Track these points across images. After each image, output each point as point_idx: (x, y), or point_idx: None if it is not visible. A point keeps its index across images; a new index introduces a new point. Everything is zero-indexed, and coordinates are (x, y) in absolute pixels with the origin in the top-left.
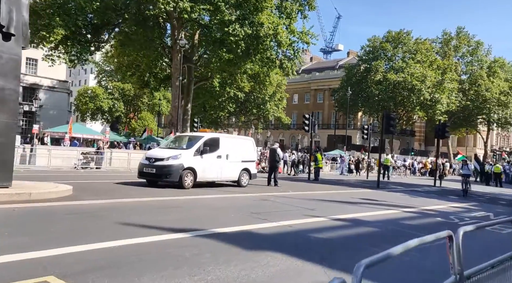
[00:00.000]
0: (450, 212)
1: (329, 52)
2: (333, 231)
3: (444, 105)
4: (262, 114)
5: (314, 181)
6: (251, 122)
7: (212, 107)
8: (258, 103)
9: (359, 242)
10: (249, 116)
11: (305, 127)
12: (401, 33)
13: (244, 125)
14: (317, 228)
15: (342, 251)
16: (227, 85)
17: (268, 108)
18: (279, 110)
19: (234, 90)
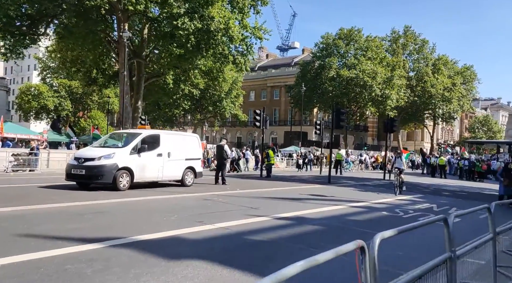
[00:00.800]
0: (396, 205)
1: (286, 49)
2: (273, 232)
3: (393, 101)
4: (218, 112)
5: (266, 178)
6: (207, 119)
7: (166, 104)
8: (214, 100)
9: (298, 243)
10: (205, 113)
11: (257, 123)
12: (352, 30)
13: (200, 123)
14: (256, 229)
15: (277, 255)
16: (181, 82)
17: (225, 105)
18: (235, 107)
19: (188, 87)
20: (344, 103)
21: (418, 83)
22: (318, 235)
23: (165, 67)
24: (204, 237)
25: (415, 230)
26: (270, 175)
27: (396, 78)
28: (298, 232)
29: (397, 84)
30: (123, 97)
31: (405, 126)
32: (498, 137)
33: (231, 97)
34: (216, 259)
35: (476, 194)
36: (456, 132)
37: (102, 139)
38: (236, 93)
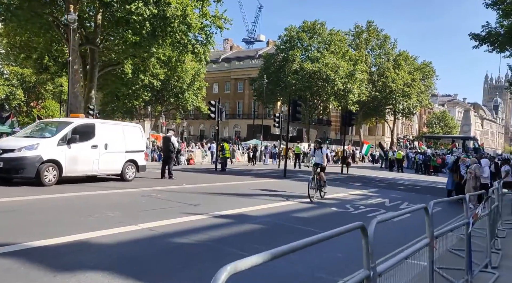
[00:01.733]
0: (348, 200)
1: (251, 42)
2: (204, 232)
3: (355, 95)
4: (180, 104)
5: (221, 172)
6: (168, 111)
7: (125, 95)
8: (176, 92)
9: (230, 245)
10: (167, 105)
11: (211, 114)
12: (316, 23)
13: (161, 115)
14: (187, 229)
15: (198, 261)
16: (140, 72)
17: (187, 97)
18: (198, 100)
19: (148, 77)
20: (307, 97)
21: (380, 78)
22: (256, 236)
23: (121, 55)
24: (118, 241)
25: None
26: (225, 169)
27: (358, 72)
28: (233, 233)
29: (359, 78)
30: (71, 85)
31: (366, 121)
32: (454, 132)
33: (194, 89)
34: (119, 269)
35: (429, 188)
36: (415, 127)
37: (28, 128)
38: (199, 85)
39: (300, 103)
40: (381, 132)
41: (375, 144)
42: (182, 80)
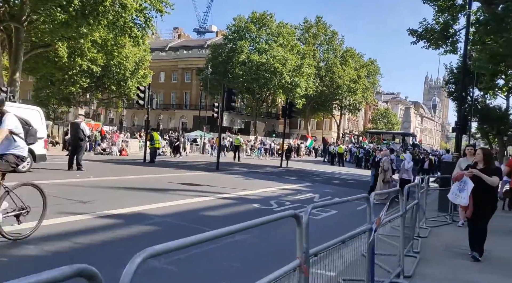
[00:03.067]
0: (275, 196)
1: (203, 33)
2: (70, 239)
3: (302, 89)
4: (123, 92)
5: (150, 163)
6: (110, 100)
7: (61, 81)
8: (118, 80)
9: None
10: (108, 93)
11: (140, 101)
12: (264, 15)
13: (102, 103)
14: (51, 234)
15: None
16: (77, 56)
17: (130, 85)
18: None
19: (86, 62)
20: (255, 89)
21: (327, 73)
22: (136, 241)
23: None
24: None
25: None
26: (154, 160)
27: (305, 66)
28: (108, 238)
29: (307, 72)
30: None
31: (314, 116)
32: (396, 129)
33: (138, 77)
34: None
35: (365, 183)
36: (361, 123)
37: None
38: (143, 73)
39: (235, 92)
40: (329, 127)
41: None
42: (123, 66)
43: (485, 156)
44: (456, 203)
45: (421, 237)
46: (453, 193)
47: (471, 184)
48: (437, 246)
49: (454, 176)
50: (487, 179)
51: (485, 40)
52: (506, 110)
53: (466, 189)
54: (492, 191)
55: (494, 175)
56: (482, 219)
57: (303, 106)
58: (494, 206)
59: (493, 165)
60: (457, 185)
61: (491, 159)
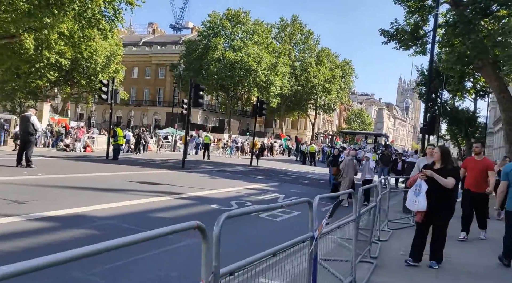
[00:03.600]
0: (238, 196)
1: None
2: None
3: (277, 88)
4: (93, 87)
5: (112, 160)
6: (80, 94)
7: (28, 74)
8: (88, 74)
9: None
10: (78, 88)
11: (103, 95)
12: (240, 12)
13: (71, 97)
14: None
15: None
16: (44, 48)
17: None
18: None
19: (54, 55)
20: (229, 87)
21: (302, 72)
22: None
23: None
24: None
25: None
26: (117, 157)
27: (280, 65)
28: (34, 244)
29: (281, 71)
30: None
31: (289, 115)
32: (370, 129)
33: (109, 72)
34: None
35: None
36: (335, 123)
37: None
38: (115, 68)
39: (203, 87)
40: (304, 126)
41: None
42: (93, 61)
43: (443, 155)
44: (414, 210)
45: (381, 240)
46: (410, 200)
47: (425, 186)
48: (396, 250)
49: (408, 182)
50: (440, 180)
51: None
52: (473, 113)
53: (421, 192)
54: (448, 193)
55: (450, 176)
56: (438, 224)
57: (278, 105)
58: (450, 210)
59: (450, 165)
60: (412, 190)
61: (449, 158)
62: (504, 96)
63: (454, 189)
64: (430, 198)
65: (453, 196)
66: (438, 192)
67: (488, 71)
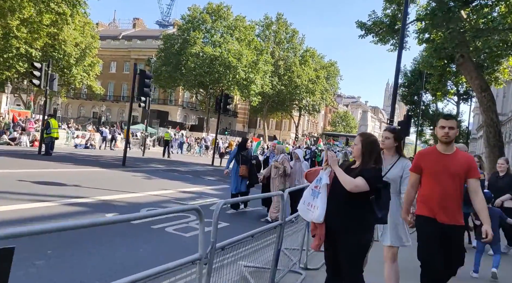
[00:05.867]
0: (161, 201)
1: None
2: None
3: (258, 86)
4: (66, 80)
5: (44, 155)
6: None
7: None
8: (61, 67)
9: None
10: None
11: (35, 80)
12: (221, 6)
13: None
14: None
15: None
16: (12, 38)
17: (74, 73)
18: (90, 78)
19: (23, 45)
20: (208, 83)
21: (286, 72)
22: None
23: None
24: None
25: None
26: (50, 152)
27: (262, 62)
28: None
29: (263, 69)
30: None
31: (273, 115)
32: (354, 132)
33: (84, 65)
34: None
35: None
36: (320, 125)
37: None
38: (91, 61)
39: (149, 75)
40: (288, 128)
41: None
42: (62, 51)
43: (364, 148)
44: (307, 219)
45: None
46: (305, 202)
47: (326, 179)
48: None
49: (305, 172)
50: (340, 175)
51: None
52: (456, 116)
53: (321, 191)
54: (355, 202)
55: (360, 176)
56: (343, 257)
57: (261, 105)
58: (360, 233)
59: (372, 163)
60: (311, 187)
61: (373, 154)
62: (485, 96)
63: (364, 199)
64: (331, 205)
65: (367, 212)
66: (341, 197)
67: (469, 68)
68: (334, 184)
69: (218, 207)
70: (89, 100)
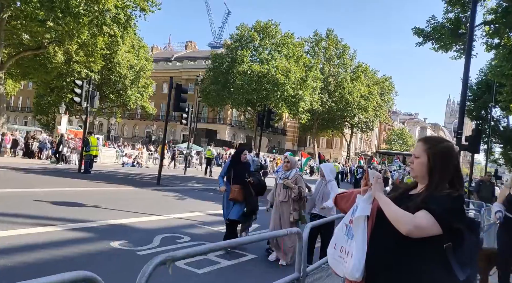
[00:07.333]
0: (183, 226)
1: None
2: None
3: (307, 103)
4: (121, 101)
5: (84, 173)
6: (109, 109)
7: (60, 88)
8: (118, 89)
9: None
10: (108, 102)
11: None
12: (269, 24)
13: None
14: None
15: None
16: (74, 63)
17: (129, 94)
18: (143, 99)
19: (83, 69)
20: (256, 101)
21: (336, 88)
22: None
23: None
24: None
25: None
26: (89, 170)
27: (310, 79)
28: None
29: (311, 86)
30: None
31: (323, 133)
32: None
33: (138, 86)
34: None
35: None
36: (374, 143)
37: None
38: (145, 83)
39: (185, 88)
40: (339, 146)
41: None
42: (119, 74)
43: (431, 161)
44: (339, 274)
45: None
46: (336, 245)
47: (365, 210)
48: None
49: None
50: (389, 209)
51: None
52: None
53: (358, 231)
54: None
55: (425, 210)
56: None
57: (310, 122)
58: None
59: (442, 185)
60: (344, 223)
61: (446, 167)
62: None
63: (433, 248)
64: (375, 253)
65: (438, 270)
66: (391, 242)
67: None
68: (381, 217)
69: (147, 270)
70: (143, 120)
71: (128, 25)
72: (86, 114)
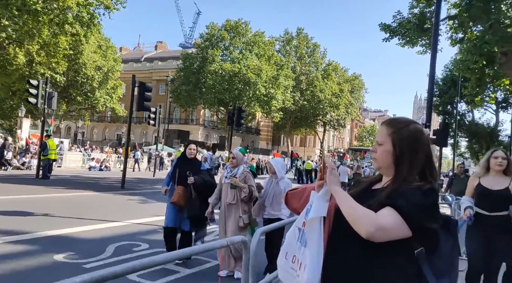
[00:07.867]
0: (143, 232)
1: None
2: None
3: (279, 101)
4: (90, 103)
5: (42, 179)
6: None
7: (22, 91)
8: (85, 91)
9: None
10: (75, 104)
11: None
12: (239, 23)
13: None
14: None
15: None
16: (37, 64)
17: (98, 96)
18: (113, 100)
19: (47, 70)
20: (228, 101)
21: (308, 87)
22: None
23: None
24: None
25: None
26: (47, 175)
27: (282, 77)
28: None
29: (283, 84)
30: None
31: (297, 132)
32: None
33: (107, 88)
34: None
35: None
36: (347, 141)
37: None
38: (114, 84)
39: (149, 86)
40: (312, 144)
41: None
42: (86, 75)
43: (397, 147)
44: None
45: None
46: (287, 254)
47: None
48: None
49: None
50: (347, 206)
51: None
52: (495, 127)
53: (311, 237)
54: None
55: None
56: None
57: (283, 121)
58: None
59: (411, 176)
60: (296, 227)
61: (415, 155)
62: None
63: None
64: (333, 263)
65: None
66: (353, 247)
67: None
68: (340, 218)
69: None
70: (113, 122)
71: (92, 23)
72: (43, 116)
